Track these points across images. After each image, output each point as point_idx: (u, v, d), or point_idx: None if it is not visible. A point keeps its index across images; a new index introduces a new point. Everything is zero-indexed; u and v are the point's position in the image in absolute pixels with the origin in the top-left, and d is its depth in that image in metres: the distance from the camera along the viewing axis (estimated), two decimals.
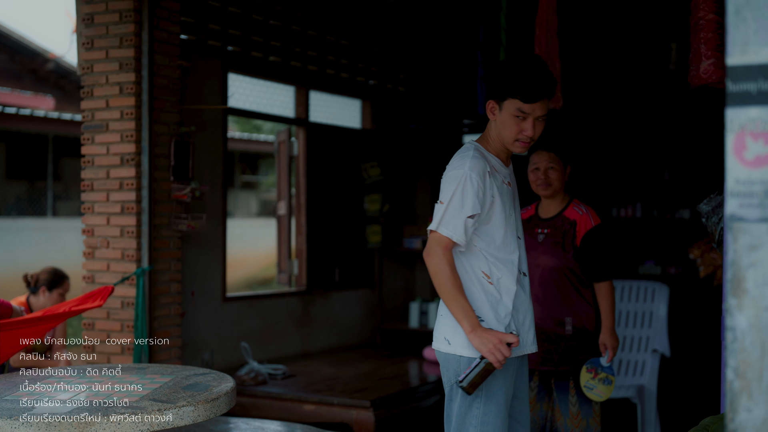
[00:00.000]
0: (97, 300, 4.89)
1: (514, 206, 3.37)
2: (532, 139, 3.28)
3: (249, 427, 4.58)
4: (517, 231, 3.37)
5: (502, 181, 3.31)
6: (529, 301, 3.39)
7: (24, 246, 14.15)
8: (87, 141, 5.51)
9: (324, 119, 7.57)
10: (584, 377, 4.31)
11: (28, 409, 3.37)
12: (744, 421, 2.02)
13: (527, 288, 3.39)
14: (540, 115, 3.26)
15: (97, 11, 5.39)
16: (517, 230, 3.37)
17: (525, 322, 3.36)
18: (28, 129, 15.12)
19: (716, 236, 3.69)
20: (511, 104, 3.22)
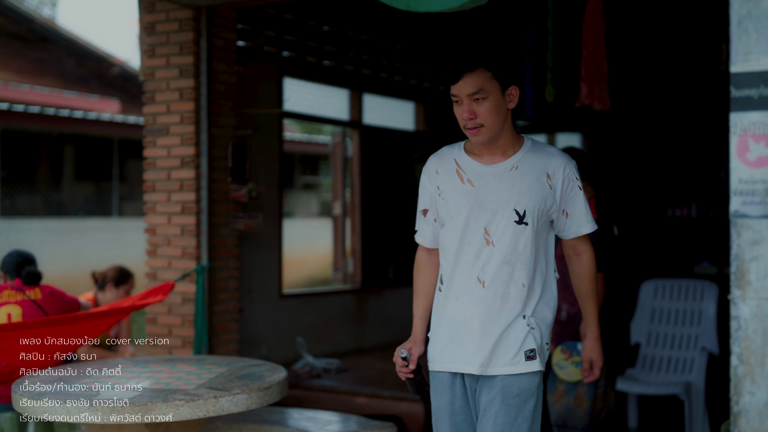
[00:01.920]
0: (159, 295, 5.14)
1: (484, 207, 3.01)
2: (481, 125, 2.94)
3: (302, 417, 4.79)
4: (486, 235, 3.01)
5: (461, 180, 3.05)
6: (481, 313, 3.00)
7: (91, 245, 14.56)
8: (149, 144, 5.77)
9: (378, 121, 7.75)
10: (557, 356, 4.65)
11: (93, 395, 3.62)
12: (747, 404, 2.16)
13: (482, 298, 3.00)
14: (471, 93, 2.94)
15: (158, 20, 5.64)
16: (488, 234, 3.01)
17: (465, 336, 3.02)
18: (95, 132, 15.56)
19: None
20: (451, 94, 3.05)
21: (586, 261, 3.20)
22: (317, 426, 4.59)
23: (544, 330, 3.07)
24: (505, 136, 3.02)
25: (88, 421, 3.50)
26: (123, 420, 3.47)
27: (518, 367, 2.99)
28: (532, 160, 3.03)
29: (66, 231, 14.74)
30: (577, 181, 3.08)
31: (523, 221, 2.99)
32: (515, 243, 3.00)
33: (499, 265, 3.00)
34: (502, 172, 3.02)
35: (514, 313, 3.00)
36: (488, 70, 2.96)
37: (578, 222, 3.12)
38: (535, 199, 3.01)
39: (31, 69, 18.83)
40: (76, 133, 15.55)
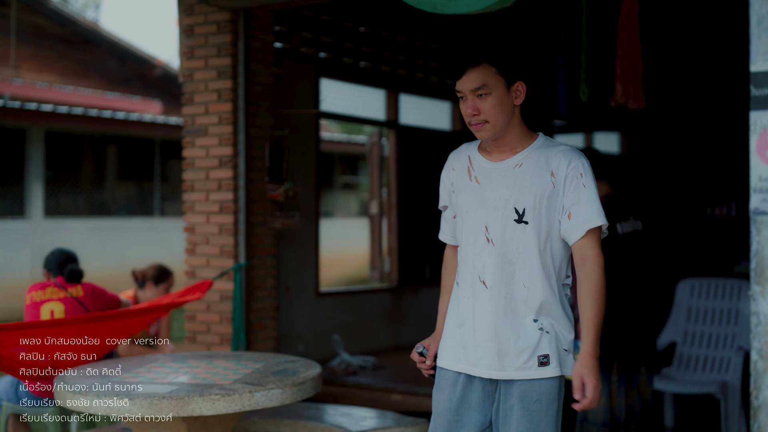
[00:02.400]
0: (197, 293, 5.24)
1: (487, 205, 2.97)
2: (485, 121, 2.91)
3: (337, 413, 4.86)
4: (487, 233, 2.96)
5: (469, 177, 3.05)
6: (485, 314, 2.95)
7: (133, 244, 14.76)
8: (188, 144, 5.87)
9: (414, 121, 7.81)
10: None
11: (133, 390, 3.71)
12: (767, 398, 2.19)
13: (486, 299, 2.95)
14: (475, 89, 2.89)
15: (197, 23, 5.75)
16: (488, 232, 2.96)
17: (471, 337, 2.98)
18: (137, 133, 15.77)
19: None
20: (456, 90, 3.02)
21: (590, 267, 2.90)
22: (352, 422, 4.66)
23: (561, 334, 2.94)
24: (512, 132, 2.97)
25: (128, 414, 3.59)
26: (161, 414, 3.55)
27: (530, 372, 2.90)
28: (537, 158, 2.96)
29: (108, 230, 14.96)
30: (582, 178, 2.91)
31: (523, 220, 2.90)
32: (515, 242, 2.92)
33: (499, 265, 2.93)
34: (506, 169, 2.96)
35: (521, 314, 2.91)
36: (492, 65, 2.91)
37: (584, 220, 2.90)
38: (535, 198, 2.91)
39: (75, 71, 19.11)
40: (119, 134, 15.76)
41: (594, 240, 2.93)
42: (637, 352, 4.94)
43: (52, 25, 18.70)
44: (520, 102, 2.98)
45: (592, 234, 2.92)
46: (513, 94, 2.96)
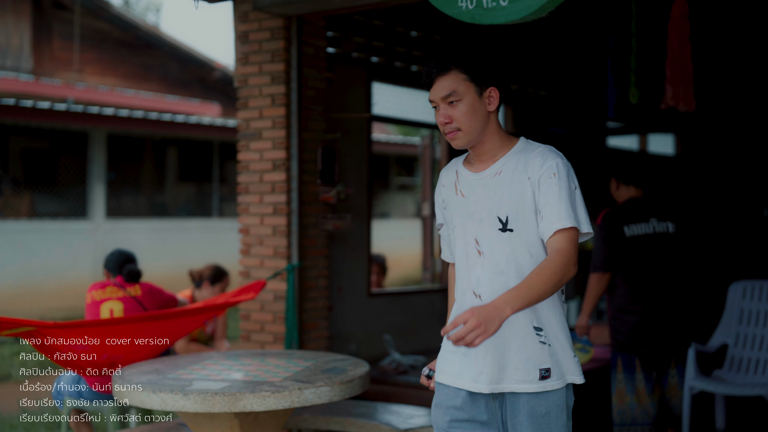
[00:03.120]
0: (251, 293, 5.37)
1: (473, 217, 2.93)
2: (458, 129, 2.85)
3: (386, 411, 4.96)
4: (478, 246, 2.91)
5: (455, 191, 3.01)
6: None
7: (192, 244, 14.99)
8: (243, 148, 6.02)
9: None
10: None
11: (187, 385, 3.85)
12: None
13: None
14: (445, 96, 2.84)
15: (251, 29, 5.89)
16: (478, 245, 2.91)
17: (471, 353, 2.88)
18: (196, 135, 16.02)
19: None
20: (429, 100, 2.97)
21: (554, 253, 2.74)
22: (400, 419, 4.75)
23: (561, 344, 2.87)
24: (490, 140, 2.90)
25: (182, 409, 3.72)
26: (214, 409, 3.68)
27: (531, 386, 2.83)
28: (515, 163, 2.87)
29: (168, 231, 15.20)
30: (555, 177, 2.80)
31: (507, 228, 2.84)
32: (504, 252, 2.85)
33: (492, 277, 2.86)
34: (487, 178, 2.91)
35: (519, 325, 2.83)
36: (461, 71, 2.83)
37: (551, 221, 2.79)
38: (516, 204, 2.84)
39: (137, 74, 19.46)
40: (179, 136, 16.03)
41: (565, 237, 2.77)
42: (663, 351, 5.03)
43: (114, 29, 19.06)
44: (494, 108, 2.90)
45: (564, 233, 2.77)
46: (486, 101, 2.87)
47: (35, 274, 12.95)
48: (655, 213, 5.11)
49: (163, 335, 4.98)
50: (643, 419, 4.97)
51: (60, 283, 12.96)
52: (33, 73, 17.34)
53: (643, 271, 5.05)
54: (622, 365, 5.02)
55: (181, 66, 20.34)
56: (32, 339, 4.52)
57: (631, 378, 4.98)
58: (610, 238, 5.05)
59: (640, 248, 5.04)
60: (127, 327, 4.86)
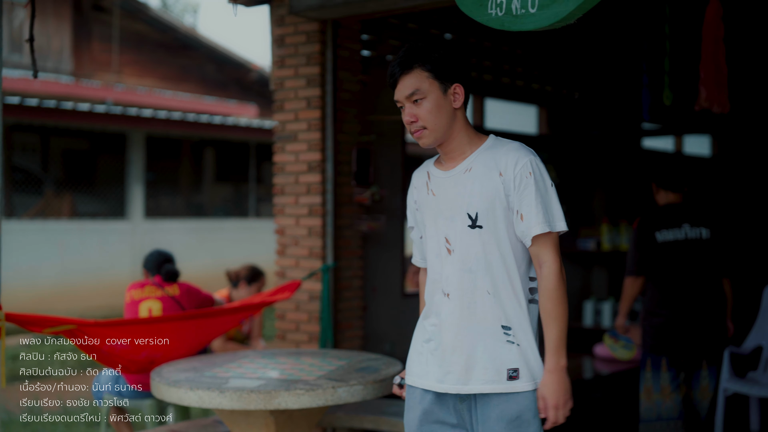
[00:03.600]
0: (286, 293, 5.45)
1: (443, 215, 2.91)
2: (423, 127, 2.85)
3: None
4: (447, 244, 2.89)
5: (427, 191, 2.98)
6: (450, 327, 2.86)
7: (229, 244, 15.11)
8: (278, 150, 6.10)
9: (500, 125, 7.92)
10: (608, 341, 5.79)
11: (223, 383, 3.93)
12: None
13: (450, 311, 2.87)
14: (409, 95, 2.84)
15: (287, 33, 5.97)
16: (448, 243, 2.88)
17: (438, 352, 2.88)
18: (233, 137, 16.16)
19: None
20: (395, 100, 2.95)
21: (545, 275, 2.79)
22: None
23: (530, 345, 2.82)
24: (457, 138, 2.89)
25: (218, 406, 3.80)
26: (249, 406, 3.76)
27: (498, 386, 2.78)
28: (486, 160, 2.85)
29: (205, 231, 15.34)
30: (531, 177, 2.78)
31: (477, 225, 2.81)
32: (473, 249, 2.82)
33: (460, 274, 2.83)
34: (457, 175, 2.88)
35: (486, 324, 2.80)
36: (424, 69, 2.82)
37: (529, 224, 2.78)
38: (487, 200, 2.81)
39: (174, 76, 19.66)
40: (216, 137, 16.18)
41: (547, 244, 2.80)
42: (691, 353, 5.15)
43: (152, 31, 19.26)
44: (460, 104, 2.87)
45: (542, 239, 2.79)
46: (450, 97, 2.85)
47: (75, 273, 13.13)
48: (689, 219, 5.23)
49: (200, 334, 5.07)
50: (669, 414, 5.15)
51: (99, 283, 13.13)
52: (73, 75, 17.57)
53: (671, 275, 5.20)
54: (650, 365, 5.19)
55: (219, 67, 20.52)
56: (73, 337, 4.63)
57: (657, 377, 5.16)
58: (643, 243, 5.23)
59: (670, 253, 5.18)
60: (166, 326, 4.95)
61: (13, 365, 8.95)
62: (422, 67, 2.81)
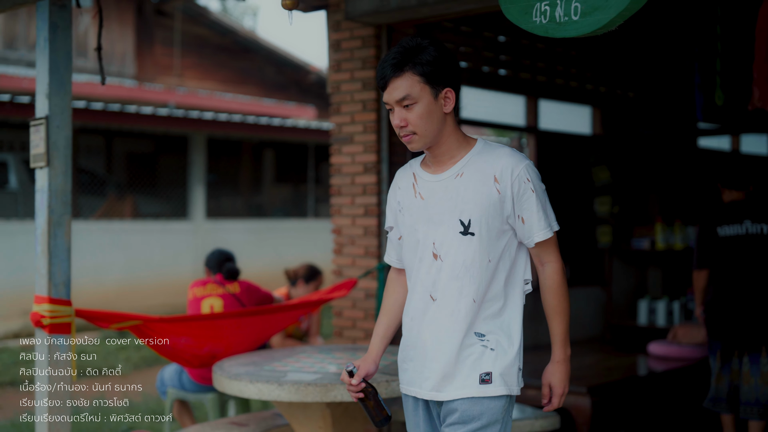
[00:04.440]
0: (343, 291, 5.60)
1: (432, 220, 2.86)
2: (413, 132, 2.81)
3: None
4: (434, 249, 2.85)
5: (414, 194, 2.93)
6: (433, 333, 2.84)
7: (288, 244, 15.31)
8: (335, 152, 6.26)
9: (554, 126, 7.98)
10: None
11: (281, 376, 4.09)
12: None
13: (434, 317, 2.84)
14: (399, 99, 2.79)
15: (343, 38, 6.12)
16: (435, 248, 2.85)
17: (421, 358, 2.87)
18: (292, 138, 16.38)
19: None
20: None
21: (549, 273, 2.87)
22: None
23: (509, 352, 2.80)
24: (447, 141, 2.85)
25: (277, 398, 3.96)
26: (306, 399, 3.90)
27: (469, 390, 2.77)
28: (478, 165, 2.82)
29: (265, 231, 15.55)
30: (530, 183, 2.80)
31: (469, 231, 2.79)
32: (461, 256, 2.79)
33: (448, 281, 2.81)
34: (447, 180, 2.85)
35: (465, 330, 2.79)
36: (415, 73, 2.77)
37: (531, 229, 2.82)
38: (481, 207, 2.79)
39: (235, 78, 19.97)
40: (275, 139, 16.42)
41: (549, 245, 2.87)
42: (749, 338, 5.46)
43: (213, 35, 19.59)
44: (451, 109, 2.84)
45: (548, 243, 2.86)
46: (441, 102, 2.81)
47: (138, 272, 13.41)
48: (751, 215, 5.56)
49: (259, 330, 5.25)
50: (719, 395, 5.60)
51: (161, 281, 13.40)
52: (136, 79, 17.96)
53: (728, 268, 5.58)
54: (713, 350, 5.63)
55: (278, 69, 20.78)
56: (138, 333, 4.82)
57: (714, 361, 5.60)
58: (705, 238, 5.65)
59: (731, 248, 5.56)
60: (227, 322, 5.13)
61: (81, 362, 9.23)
62: (414, 71, 2.77)
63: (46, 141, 4.36)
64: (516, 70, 7.37)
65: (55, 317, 4.31)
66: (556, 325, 2.88)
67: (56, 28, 4.47)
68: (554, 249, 2.89)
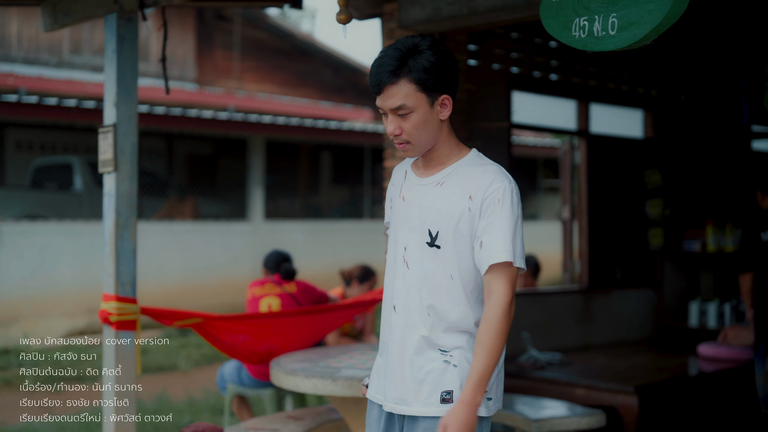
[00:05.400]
0: None
1: (408, 224, 2.77)
2: (407, 141, 2.71)
3: (519, 402, 5.29)
4: (405, 254, 2.75)
5: (399, 193, 2.85)
6: (395, 343, 2.75)
7: (344, 245, 15.50)
8: (389, 155, 6.41)
9: (605, 130, 8.08)
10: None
11: (336, 372, 4.28)
12: None
13: (396, 326, 2.76)
14: (395, 108, 2.67)
15: None
16: (405, 253, 2.76)
17: (385, 367, 2.80)
18: (348, 141, 16.60)
19: None
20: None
21: (491, 304, 2.59)
22: (532, 410, 5.07)
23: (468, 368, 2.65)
24: (440, 148, 2.76)
25: (331, 393, 4.15)
26: (359, 394, 4.07)
27: (430, 409, 2.65)
28: (460, 178, 2.71)
29: (322, 232, 15.75)
30: (499, 204, 2.63)
31: (435, 244, 2.68)
32: (425, 267, 2.70)
33: (410, 291, 2.72)
34: (428, 187, 2.76)
35: (425, 345, 2.69)
36: (411, 81, 2.65)
37: (489, 251, 2.61)
38: (450, 221, 2.67)
39: (293, 81, 20.25)
40: (332, 142, 16.66)
41: (501, 275, 2.61)
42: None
43: (271, 38, 19.88)
44: (447, 115, 2.74)
45: (500, 268, 2.61)
46: (438, 109, 2.71)
47: (199, 272, 13.69)
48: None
49: (315, 328, 5.45)
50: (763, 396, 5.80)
51: (221, 281, 13.67)
52: (197, 82, 18.34)
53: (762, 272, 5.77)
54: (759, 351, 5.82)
55: (335, 72, 21.02)
56: (200, 330, 5.05)
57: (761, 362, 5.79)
58: (749, 242, 5.82)
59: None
60: (284, 320, 5.34)
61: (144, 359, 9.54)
62: (410, 78, 2.65)
63: (114, 147, 4.61)
64: (567, 75, 7.49)
65: (122, 315, 4.56)
66: (477, 362, 2.55)
67: (123, 40, 4.72)
68: (507, 280, 2.61)
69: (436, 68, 2.66)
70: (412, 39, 2.70)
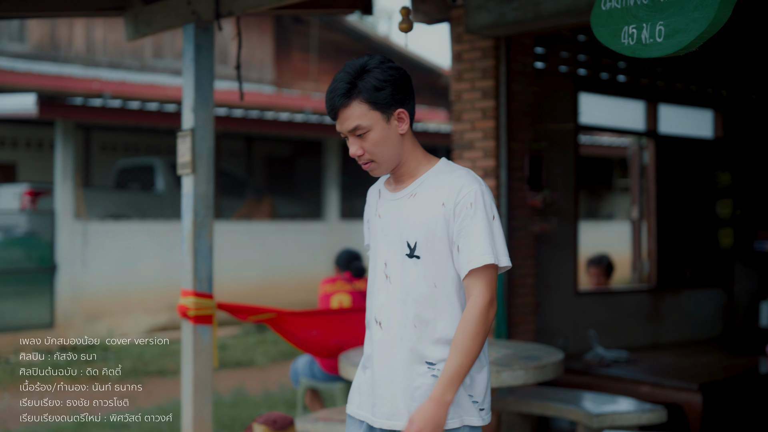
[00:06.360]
0: None
1: (386, 239, 2.80)
2: (371, 160, 2.76)
3: (582, 398, 5.41)
4: (386, 269, 2.77)
5: (375, 211, 2.91)
6: (382, 358, 2.75)
7: None
8: (456, 157, 6.59)
9: (673, 130, 8.11)
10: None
11: None
12: None
13: (381, 341, 2.76)
14: (351, 129, 2.73)
15: (464, 50, 6.46)
16: (386, 268, 2.77)
17: (371, 382, 2.80)
18: (423, 142, 16.50)
19: None
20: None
21: (469, 306, 2.64)
22: (594, 405, 5.19)
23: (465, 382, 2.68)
24: (406, 162, 2.80)
25: None
26: None
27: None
28: (431, 187, 2.75)
29: None
30: (472, 208, 2.67)
31: (414, 254, 2.70)
32: (407, 279, 2.71)
33: (394, 304, 2.73)
34: (402, 200, 2.79)
35: (416, 358, 2.69)
36: (363, 101, 2.70)
37: (468, 256, 2.65)
38: (426, 230, 2.70)
39: None
40: None
41: (481, 278, 2.65)
42: None
43: (348, 40, 20.16)
44: (406, 129, 2.78)
45: (478, 272, 2.65)
46: (395, 123, 2.75)
47: (276, 270, 13.99)
48: None
49: None
50: None
51: (298, 279, 13.95)
52: (274, 84, 18.70)
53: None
54: None
55: (411, 73, 21.06)
56: (274, 325, 5.27)
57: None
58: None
59: None
60: (354, 316, 5.54)
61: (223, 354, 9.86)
62: (360, 98, 2.70)
63: (192, 151, 4.87)
64: (635, 76, 7.56)
65: (199, 309, 4.81)
66: (450, 362, 2.60)
67: (200, 49, 4.98)
68: (486, 284, 2.66)
69: (385, 85, 2.72)
70: (360, 60, 2.75)
